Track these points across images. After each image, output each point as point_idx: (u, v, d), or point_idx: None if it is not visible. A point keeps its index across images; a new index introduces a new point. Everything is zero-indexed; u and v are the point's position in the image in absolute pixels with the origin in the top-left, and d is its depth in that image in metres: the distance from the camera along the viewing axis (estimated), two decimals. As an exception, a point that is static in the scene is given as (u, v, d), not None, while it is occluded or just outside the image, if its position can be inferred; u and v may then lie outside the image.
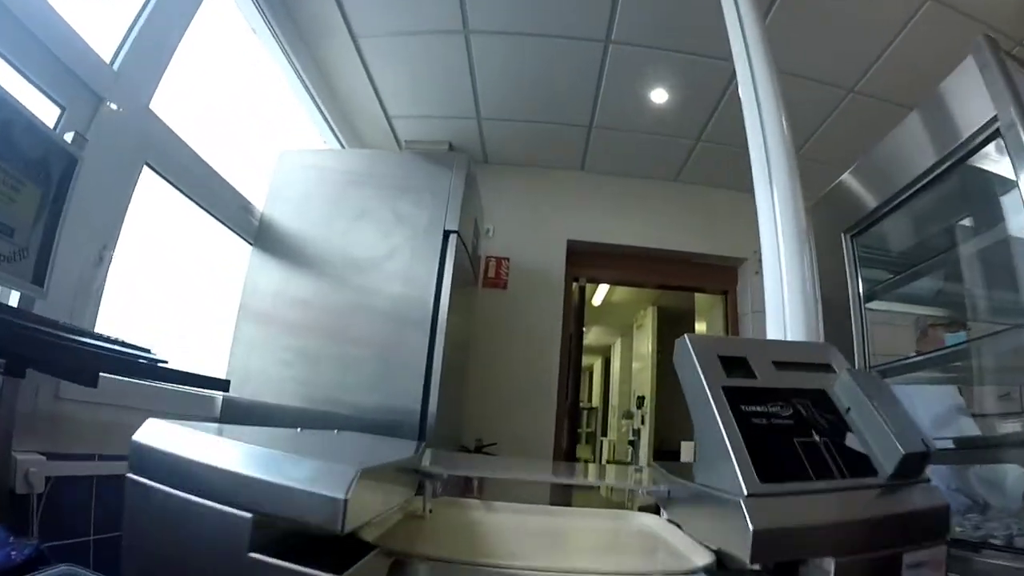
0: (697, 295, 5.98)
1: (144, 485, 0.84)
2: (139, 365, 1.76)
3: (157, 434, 0.90)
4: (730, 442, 0.78)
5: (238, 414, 2.69)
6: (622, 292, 7.93)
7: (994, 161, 1.79)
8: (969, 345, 2.06)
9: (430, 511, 1.26)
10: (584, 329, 9.94)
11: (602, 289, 7.73)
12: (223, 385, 2.49)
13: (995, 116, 1.60)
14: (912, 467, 0.83)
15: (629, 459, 8.07)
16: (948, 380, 2.74)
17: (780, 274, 1.51)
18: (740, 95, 1.79)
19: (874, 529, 0.78)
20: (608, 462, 9.72)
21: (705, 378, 0.86)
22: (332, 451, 1.21)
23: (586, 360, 12.88)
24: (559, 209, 4.98)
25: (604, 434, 10.94)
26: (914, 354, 2.24)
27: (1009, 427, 2.43)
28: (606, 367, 11.90)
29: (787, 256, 1.52)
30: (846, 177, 2.25)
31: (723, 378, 0.88)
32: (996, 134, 1.62)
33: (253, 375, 2.78)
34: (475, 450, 4.09)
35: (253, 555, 0.74)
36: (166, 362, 1.84)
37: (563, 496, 1.47)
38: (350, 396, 2.74)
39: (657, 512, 1.26)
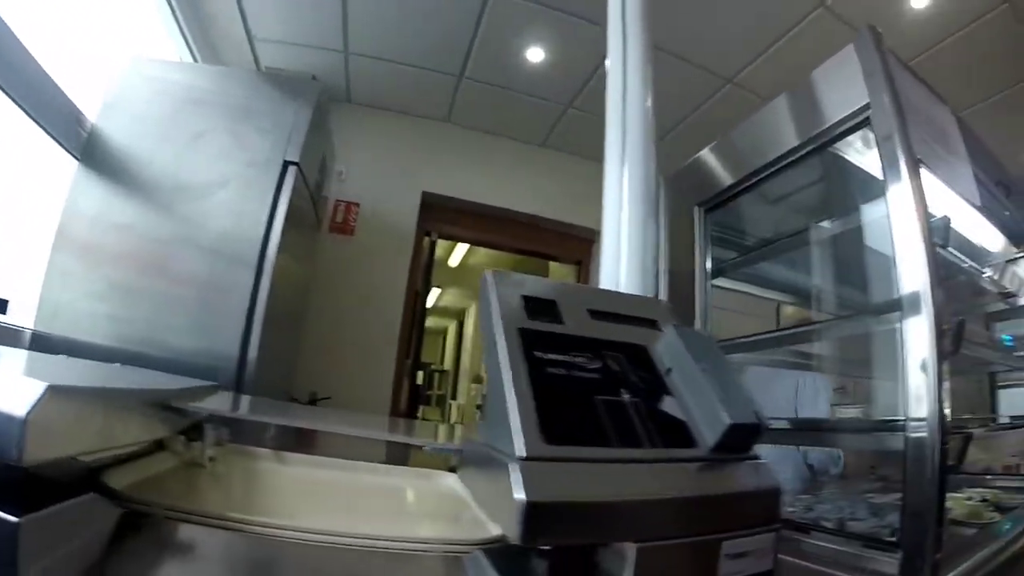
0: (552, 264, 5.93)
1: None
2: None
3: None
4: (513, 390, 0.62)
5: (47, 351, 2.33)
6: (480, 255, 7.87)
7: (857, 152, 1.78)
8: (810, 331, 2.04)
9: (211, 459, 1.08)
10: (439, 289, 10.00)
11: (460, 251, 7.64)
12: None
13: (867, 104, 1.57)
14: (739, 441, 0.70)
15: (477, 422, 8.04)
16: (790, 366, 2.79)
17: (619, 240, 1.40)
18: (608, 52, 1.68)
19: (686, 510, 0.64)
20: (455, 424, 9.73)
21: (500, 317, 0.71)
22: (73, 376, 1.01)
23: (441, 322, 12.88)
24: (419, 159, 4.78)
25: (454, 397, 10.91)
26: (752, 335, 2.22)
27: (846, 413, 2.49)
28: (460, 330, 11.85)
29: (631, 220, 1.41)
30: (706, 152, 2.20)
31: (522, 319, 0.73)
32: (864, 123, 1.59)
33: (65, 308, 2.44)
34: (308, 403, 3.89)
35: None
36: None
37: (376, 452, 1.31)
38: (167, 337, 2.47)
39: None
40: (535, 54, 3.94)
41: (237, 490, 1.04)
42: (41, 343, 2.38)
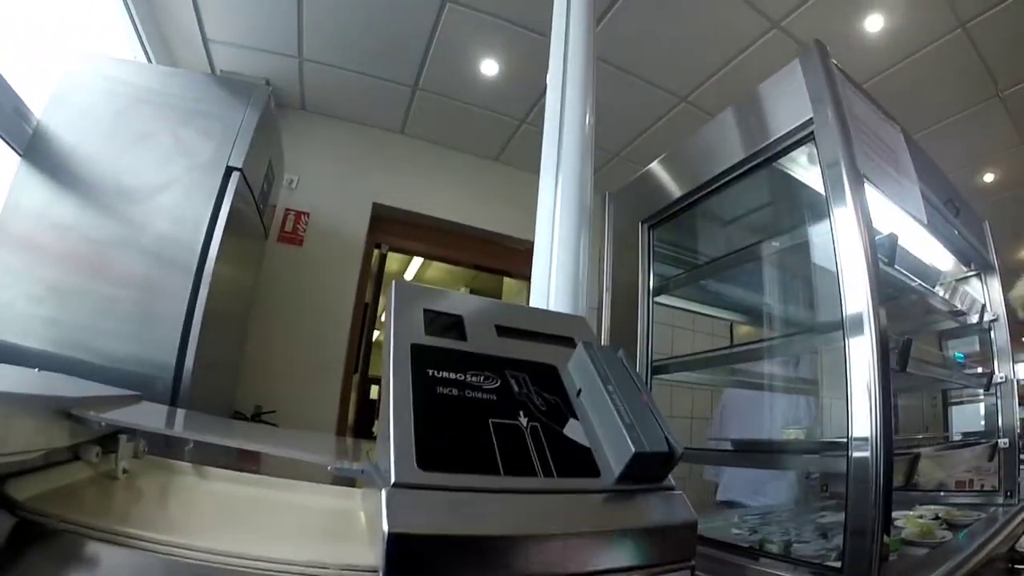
0: (506, 279, 5.90)
1: None
2: None
3: None
4: (393, 411, 0.58)
5: None
6: (435, 270, 7.81)
7: (803, 168, 1.77)
8: (755, 350, 2.03)
9: (124, 471, 1.03)
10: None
11: (415, 265, 7.58)
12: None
13: (810, 118, 1.55)
14: (649, 470, 0.66)
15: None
16: (744, 386, 2.78)
17: (551, 255, 1.37)
18: (549, 65, 1.66)
19: (576, 548, 0.59)
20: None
21: (394, 331, 0.67)
22: None
23: (395, 336, 12.69)
24: (371, 170, 4.72)
25: (406, 412, 10.72)
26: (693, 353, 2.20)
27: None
28: (414, 345, 11.70)
29: (562, 235, 1.38)
30: (653, 166, 2.18)
31: (418, 335, 0.69)
32: (808, 138, 1.58)
33: (2, 310, 2.34)
34: (252, 417, 3.80)
35: None
36: None
37: (296, 469, 1.25)
38: (104, 344, 2.37)
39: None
40: (489, 67, 3.92)
41: (146, 504, 0.99)
42: None
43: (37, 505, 0.71)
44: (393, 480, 0.53)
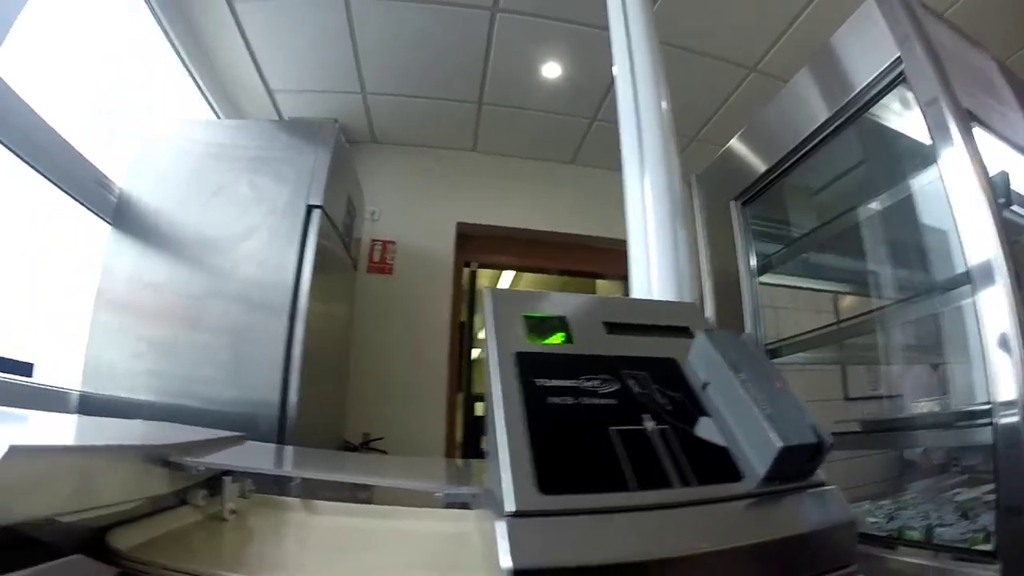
0: (599, 282, 5.79)
1: None
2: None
3: None
4: (504, 428, 0.52)
5: (94, 412, 2.37)
6: (527, 282, 7.76)
7: (895, 113, 1.63)
8: (870, 319, 1.89)
9: (232, 512, 1.00)
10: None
11: (506, 279, 7.55)
12: (24, 369, 2.15)
13: (898, 58, 1.43)
14: (796, 467, 0.57)
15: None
16: (850, 361, 2.61)
17: (646, 245, 1.29)
18: (614, 58, 1.58)
19: (730, 566, 0.50)
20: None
21: (496, 341, 0.60)
22: (71, 433, 0.97)
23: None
24: (449, 191, 4.72)
25: (513, 426, 10.73)
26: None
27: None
28: (514, 359, 11.71)
29: (656, 222, 1.30)
30: (735, 142, 2.07)
31: (521, 342, 0.62)
32: (898, 80, 1.45)
33: (108, 368, 2.46)
34: (361, 445, 3.83)
35: None
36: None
37: (405, 496, 1.21)
38: (204, 389, 2.44)
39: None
40: (551, 70, 3.84)
41: (255, 544, 0.98)
42: (88, 403, 2.41)
43: (140, 554, 0.70)
44: (513, 508, 0.47)
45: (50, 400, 2.34)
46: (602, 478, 0.51)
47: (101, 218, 2.64)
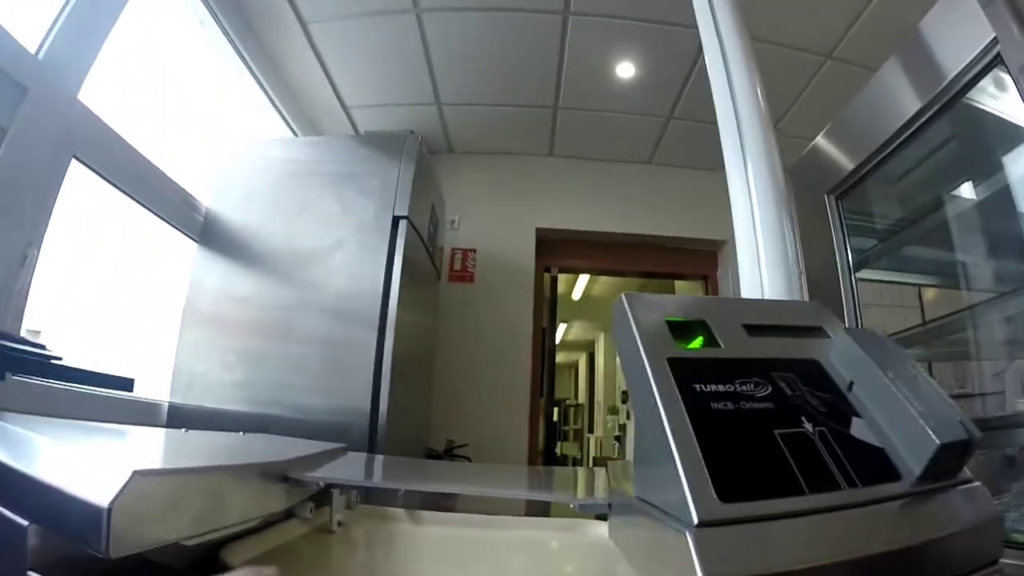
0: (677, 283, 5.73)
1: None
2: (29, 361, 1.60)
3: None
4: (674, 439, 0.51)
5: (183, 422, 2.41)
6: (602, 285, 7.74)
7: (992, 97, 1.57)
8: (973, 312, 1.82)
9: (339, 524, 1.02)
10: (565, 323, 9.92)
11: (581, 283, 7.55)
12: (126, 384, 2.22)
13: (994, 39, 1.38)
14: (947, 464, 0.56)
15: (616, 455, 7.93)
16: (937, 358, 2.51)
17: (755, 243, 1.27)
18: (705, 51, 1.56)
19: (909, 564, 0.51)
20: (595, 458, 9.61)
21: (644, 348, 0.60)
22: (182, 454, 0.99)
23: (571, 356, 12.79)
24: (527, 197, 4.74)
25: (591, 431, 10.76)
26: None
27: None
28: (591, 362, 11.71)
29: (763, 218, 1.28)
30: (825, 134, 2.03)
31: (670, 347, 0.62)
32: (994, 63, 1.40)
33: (197, 379, 2.57)
34: (445, 451, 3.86)
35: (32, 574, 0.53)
36: (60, 359, 1.67)
37: (512, 502, 1.22)
38: (294, 398, 2.52)
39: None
40: (625, 70, 3.81)
41: (363, 555, 1.01)
42: (176, 415, 2.51)
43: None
44: (696, 519, 0.46)
45: (143, 412, 2.47)
46: (777, 483, 0.51)
47: (189, 236, 2.76)
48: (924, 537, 0.53)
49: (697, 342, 0.65)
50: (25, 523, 0.55)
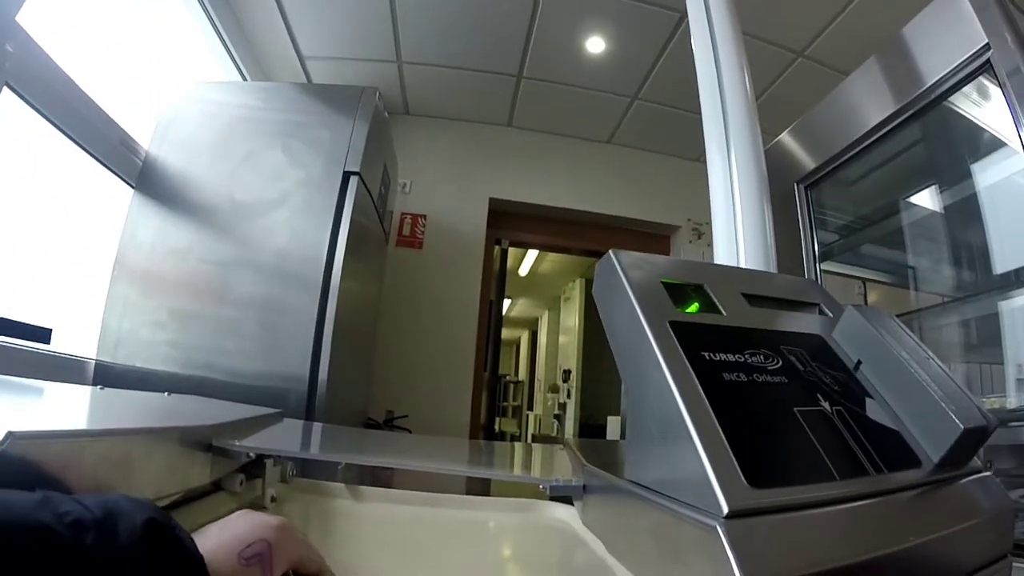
0: (627, 265, 5.72)
1: None
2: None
3: None
4: (689, 414, 0.43)
5: (110, 382, 2.28)
6: (550, 262, 7.72)
7: (974, 104, 1.56)
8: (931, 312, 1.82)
9: (272, 500, 0.95)
10: (510, 299, 9.88)
11: (529, 259, 7.51)
12: (42, 335, 2.06)
13: (986, 44, 1.35)
14: (965, 451, 0.52)
15: (555, 433, 7.95)
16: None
17: (734, 227, 1.23)
18: (691, 28, 1.51)
19: (942, 553, 0.46)
20: (534, 436, 9.63)
21: (641, 309, 0.52)
22: (93, 412, 0.90)
23: (514, 333, 12.82)
24: (483, 166, 4.64)
25: (531, 408, 10.83)
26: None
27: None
28: (533, 340, 11.75)
29: (743, 203, 1.25)
30: (800, 125, 2.00)
31: (670, 310, 0.54)
32: (981, 69, 1.38)
33: (127, 337, 2.37)
34: (385, 422, 3.78)
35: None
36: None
37: (451, 477, 1.14)
38: (229, 362, 2.35)
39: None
40: (595, 44, 3.74)
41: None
42: (103, 374, 2.33)
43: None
44: (727, 509, 0.39)
45: (67, 369, 2.27)
46: (806, 467, 0.45)
47: (124, 180, 2.54)
48: (953, 527, 0.50)
49: (694, 307, 0.57)
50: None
